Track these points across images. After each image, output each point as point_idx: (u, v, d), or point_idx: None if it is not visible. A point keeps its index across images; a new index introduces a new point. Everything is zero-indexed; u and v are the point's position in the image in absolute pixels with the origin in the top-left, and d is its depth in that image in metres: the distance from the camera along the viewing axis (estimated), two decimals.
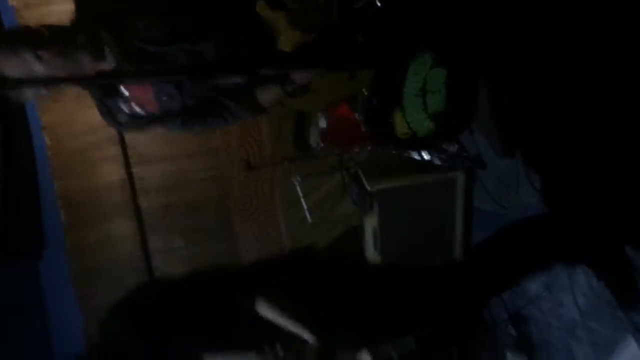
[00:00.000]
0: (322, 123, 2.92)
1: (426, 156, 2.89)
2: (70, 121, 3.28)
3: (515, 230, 2.77)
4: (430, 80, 2.47)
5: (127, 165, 3.45)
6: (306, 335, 1.57)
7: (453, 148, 2.93)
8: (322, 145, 2.97)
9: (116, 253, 3.57)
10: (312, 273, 1.71)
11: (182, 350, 1.46)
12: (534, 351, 2.75)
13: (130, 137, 3.30)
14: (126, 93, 1.71)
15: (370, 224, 3.21)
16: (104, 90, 1.73)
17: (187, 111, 1.75)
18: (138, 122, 1.75)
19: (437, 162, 2.91)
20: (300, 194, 3.18)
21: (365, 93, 2.44)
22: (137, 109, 1.73)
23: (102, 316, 1.55)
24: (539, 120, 2.47)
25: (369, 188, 3.08)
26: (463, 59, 2.41)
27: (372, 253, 3.18)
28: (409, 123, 2.61)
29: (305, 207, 3.20)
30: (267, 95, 1.79)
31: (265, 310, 1.49)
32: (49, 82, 1.55)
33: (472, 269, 2.53)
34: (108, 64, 1.66)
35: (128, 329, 1.46)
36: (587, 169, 2.28)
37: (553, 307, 2.56)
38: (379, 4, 1.99)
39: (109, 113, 1.74)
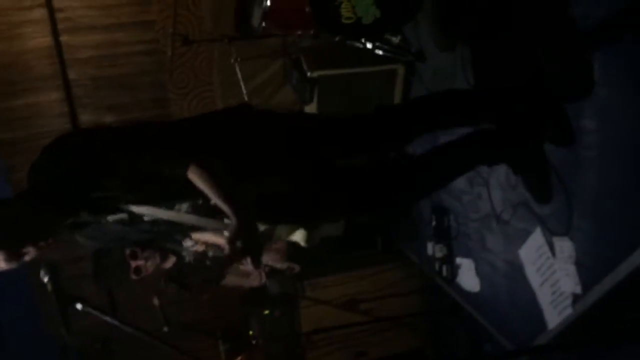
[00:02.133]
0: (266, 1, 2.82)
1: (369, 45, 2.86)
2: None
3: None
4: None
5: (55, 32, 3.24)
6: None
7: (396, 39, 2.91)
8: (264, 25, 2.88)
9: (43, 125, 3.44)
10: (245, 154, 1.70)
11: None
12: (452, 240, 2.95)
13: (60, 5, 3.07)
14: None
15: (309, 111, 3.21)
16: None
17: None
18: None
19: (379, 52, 2.89)
20: (240, 76, 3.11)
21: None
22: None
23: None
24: (480, 14, 2.47)
25: (309, 75, 3.04)
26: None
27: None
28: (354, 8, 2.57)
29: (244, 90, 3.14)
30: None
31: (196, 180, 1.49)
32: None
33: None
34: None
35: (53, 174, 1.45)
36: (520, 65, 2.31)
37: (472, 200, 2.71)
38: None
39: None
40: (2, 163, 3.38)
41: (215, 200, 1.51)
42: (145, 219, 1.60)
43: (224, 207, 1.49)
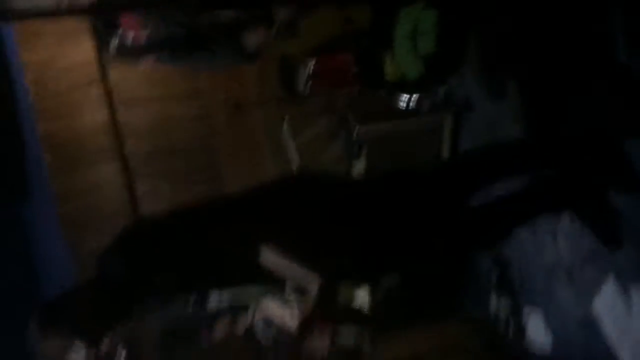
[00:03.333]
0: (311, 65, 2.87)
1: (414, 100, 2.85)
2: (52, 60, 3.17)
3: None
4: (422, 22, 2.42)
5: (111, 108, 3.39)
6: (309, 277, 1.57)
7: (441, 91, 2.90)
8: (310, 86, 2.92)
9: (103, 198, 3.54)
10: (302, 212, 1.68)
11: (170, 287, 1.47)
12: (516, 293, 2.81)
13: (113, 78, 3.22)
14: (118, 20, 1.68)
15: (358, 168, 3.20)
16: (97, 18, 1.70)
17: (174, 43, 1.72)
18: (127, 50, 1.73)
19: (425, 105, 2.88)
20: (289, 135, 3.15)
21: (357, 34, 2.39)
22: (127, 39, 1.70)
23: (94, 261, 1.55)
24: (530, 63, 2.43)
25: (357, 132, 3.05)
26: (455, 1, 2.35)
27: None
28: (398, 65, 2.58)
29: (294, 149, 3.17)
30: (253, 38, 1.74)
31: (270, 258, 1.48)
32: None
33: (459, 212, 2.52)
34: None
35: (120, 267, 1.47)
36: (579, 117, 2.26)
37: (536, 250, 2.59)
38: None
39: (102, 39, 1.72)
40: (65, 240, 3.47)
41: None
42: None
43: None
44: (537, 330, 2.69)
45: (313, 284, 1.46)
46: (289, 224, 1.58)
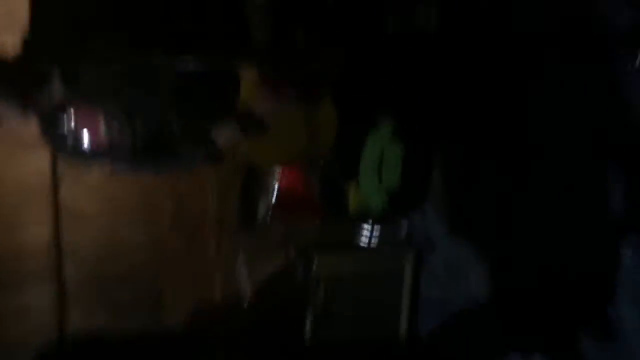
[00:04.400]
0: (273, 194, 2.84)
1: (376, 235, 2.81)
2: (3, 170, 3.02)
3: (464, 319, 2.67)
4: (387, 154, 2.46)
5: (57, 224, 3.18)
6: None
7: (404, 229, 2.88)
8: (270, 217, 2.86)
9: (29, 325, 3.20)
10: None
11: None
12: None
13: (64, 190, 3.06)
14: (73, 121, 1.59)
15: (314, 306, 3.04)
16: (48, 116, 1.62)
17: (137, 148, 1.64)
18: (82, 149, 1.63)
19: (387, 242, 2.84)
20: (243, 269, 3.02)
21: (322, 160, 2.40)
22: (84, 141, 1.61)
23: None
24: (493, 205, 2.47)
25: (315, 266, 2.95)
26: (421, 135, 2.43)
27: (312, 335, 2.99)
28: (362, 195, 2.58)
29: (247, 283, 3.02)
30: (224, 135, 1.70)
31: None
32: None
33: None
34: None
35: None
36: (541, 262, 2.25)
37: None
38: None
39: (53, 139, 1.62)
40: None
41: None
42: None
43: None
44: None
45: None
46: None
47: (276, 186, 2.72)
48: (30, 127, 2.24)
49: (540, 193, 2.18)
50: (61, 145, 1.63)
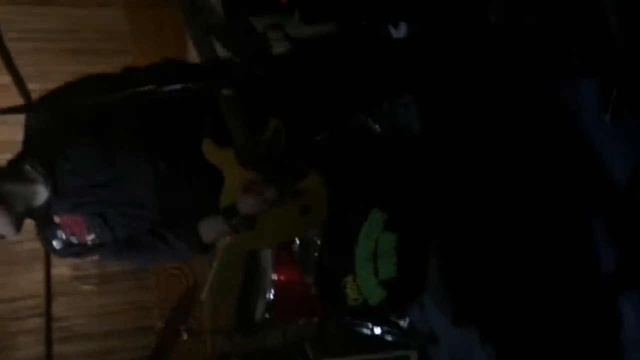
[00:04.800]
0: (270, 294, 2.80)
1: (377, 331, 2.75)
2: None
3: None
4: (381, 244, 2.46)
5: (49, 344, 3.11)
6: None
7: (404, 323, 2.82)
8: (268, 317, 2.80)
9: None
10: None
11: None
12: None
13: (57, 310, 3.04)
14: (58, 221, 1.63)
15: None
16: (37, 219, 1.65)
17: (120, 242, 1.67)
18: (72, 249, 1.65)
19: (389, 338, 2.76)
20: None
21: (316, 254, 2.39)
22: (72, 239, 1.64)
23: None
24: (492, 287, 2.44)
25: None
26: (414, 223, 2.44)
27: None
28: (360, 288, 2.53)
29: None
30: (210, 231, 1.71)
31: None
32: None
33: None
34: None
35: None
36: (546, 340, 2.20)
37: None
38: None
39: (45, 238, 1.64)
40: None
41: None
42: None
43: None
44: None
45: None
46: None
47: (272, 288, 2.69)
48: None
49: (539, 264, 2.17)
50: (52, 248, 1.67)
